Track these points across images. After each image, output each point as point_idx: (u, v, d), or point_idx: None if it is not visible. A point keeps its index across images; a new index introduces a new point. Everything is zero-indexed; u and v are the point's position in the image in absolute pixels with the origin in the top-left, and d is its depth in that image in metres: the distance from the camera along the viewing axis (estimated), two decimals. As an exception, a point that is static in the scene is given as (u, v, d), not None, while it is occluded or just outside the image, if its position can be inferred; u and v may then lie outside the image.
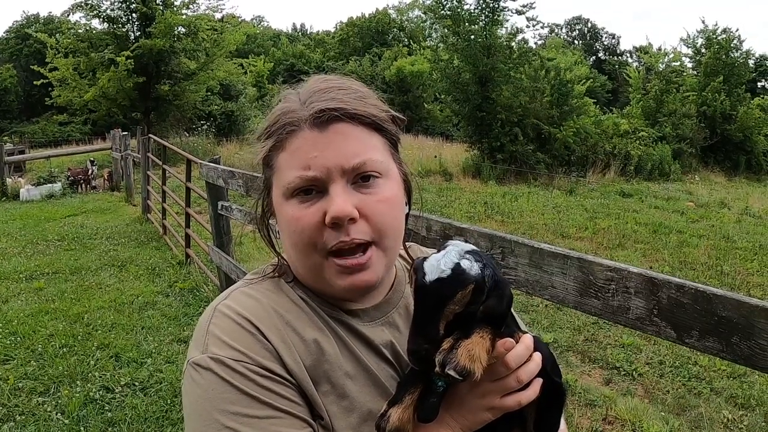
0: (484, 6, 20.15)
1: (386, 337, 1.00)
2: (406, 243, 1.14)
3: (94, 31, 22.02)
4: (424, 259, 0.87)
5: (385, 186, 0.93)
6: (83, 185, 16.45)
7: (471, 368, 0.80)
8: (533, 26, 22.77)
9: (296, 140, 0.91)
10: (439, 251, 0.88)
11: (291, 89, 0.99)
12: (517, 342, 0.90)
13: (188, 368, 0.89)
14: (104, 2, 21.35)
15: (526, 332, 0.96)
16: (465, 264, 0.84)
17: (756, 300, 1.19)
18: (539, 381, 0.93)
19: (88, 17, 21.67)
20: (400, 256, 1.11)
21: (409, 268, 1.11)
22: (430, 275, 0.83)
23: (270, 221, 1.04)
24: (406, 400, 0.88)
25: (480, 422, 0.91)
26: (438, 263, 0.84)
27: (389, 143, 0.98)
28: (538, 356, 0.93)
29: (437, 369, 0.81)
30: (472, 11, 20.36)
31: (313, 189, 0.90)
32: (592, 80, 32.02)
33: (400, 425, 0.86)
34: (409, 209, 1.05)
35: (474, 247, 0.88)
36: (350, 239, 0.89)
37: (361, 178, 0.91)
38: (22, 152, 22.26)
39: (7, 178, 15.98)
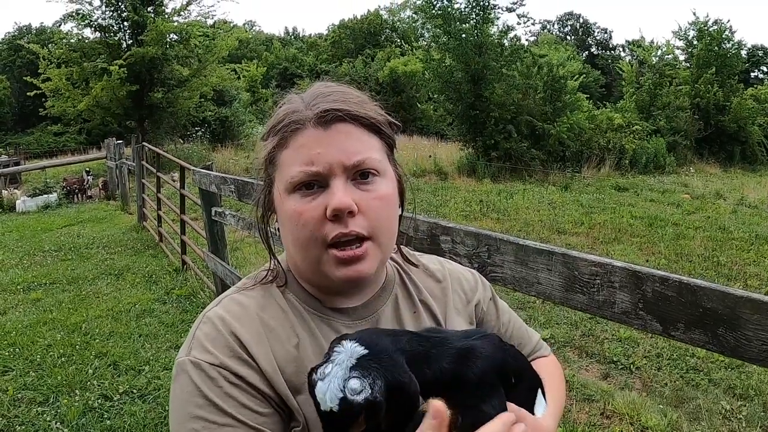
0: (474, 4, 20.17)
1: None
2: (400, 246, 1.17)
3: (86, 41, 22.01)
4: (315, 369, 0.82)
5: (382, 185, 0.97)
6: (79, 195, 16.43)
7: None
8: (524, 23, 22.84)
9: (300, 138, 0.96)
10: (326, 359, 0.82)
11: (294, 94, 1.04)
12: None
13: (174, 367, 0.96)
14: (96, 12, 21.37)
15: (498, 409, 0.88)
16: (351, 390, 0.78)
17: (740, 291, 1.19)
18: None
19: (80, 27, 21.69)
20: (392, 259, 1.14)
21: (398, 269, 1.15)
22: (322, 405, 0.79)
23: (269, 221, 1.08)
24: None
25: None
26: (324, 396, 0.79)
27: (386, 146, 1.03)
28: None
29: None
30: (463, 10, 20.39)
31: (315, 184, 0.94)
32: (585, 75, 32.07)
33: None
34: (402, 211, 1.09)
35: (364, 351, 0.81)
36: (349, 230, 0.92)
37: (360, 175, 0.95)
38: (17, 164, 22.17)
39: (3, 190, 15.95)
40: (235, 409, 0.89)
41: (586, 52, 62.64)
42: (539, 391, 1.02)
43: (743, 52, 29.86)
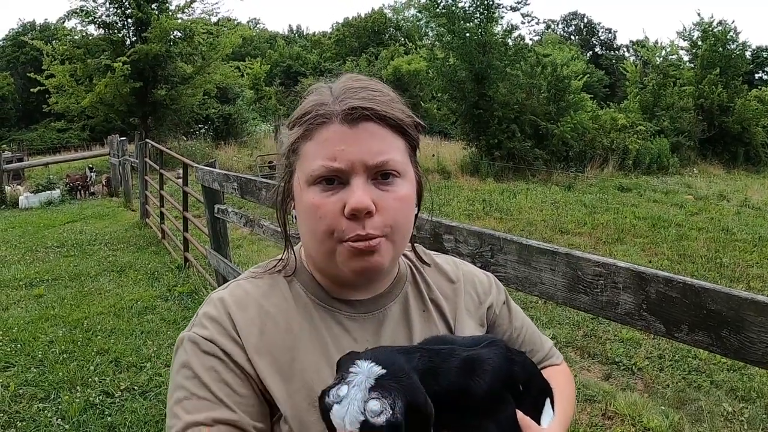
0: (478, 3, 20.13)
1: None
2: (414, 244, 1.18)
3: (90, 37, 22.05)
4: (326, 391, 0.80)
5: (402, 186, 0.98)
6: (82, 191, 16.45)
7: None
8: (528, 22, 22.77)
9: (325, 132, 0.96)
10: (340, 380, 0.80)
11: (323, 84, 1.04)
12: None
13: (177, 341, 1.00)
14: (99, 8, 21.42)
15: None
16: (371, 412, 0.76)
17: (745, 293, 1.18)
18: None
19: (84, 23, 21.77)
20: (406, 256, 1.16)
21: (411, 266, 1.16)
22: (339, 429, 0.77)
23: (288, 209, 1.09)
24: None
25: None
26: (344, 420, 0.76)
27: (410, 147, 1.03)
28: None
29: None
30: (467, 9, 20.34)
31: (335, 179, 0.94)
32: (589, 75, 32.05)
33: None
34: (418, 211, 1.09)
35: (382, 371, 0.80)
36: (366, 233, 0.93)
37: (381, 175, 0.95)
38: (20, 160, 22.21)
39: (6, 186, 15.96)
40: (215, 384, 0.93)
41: (590, 52, 62.45)
42: (548, 400, 1.01)
43: (748, 54, 29.72)
